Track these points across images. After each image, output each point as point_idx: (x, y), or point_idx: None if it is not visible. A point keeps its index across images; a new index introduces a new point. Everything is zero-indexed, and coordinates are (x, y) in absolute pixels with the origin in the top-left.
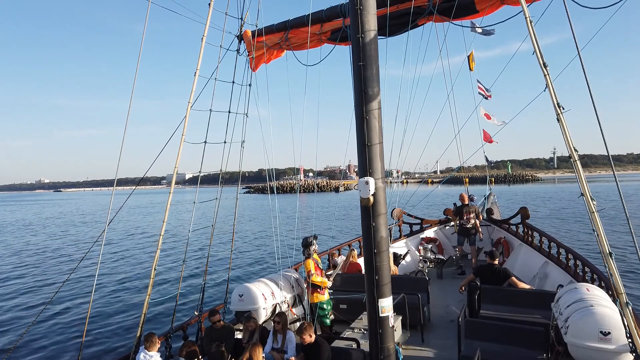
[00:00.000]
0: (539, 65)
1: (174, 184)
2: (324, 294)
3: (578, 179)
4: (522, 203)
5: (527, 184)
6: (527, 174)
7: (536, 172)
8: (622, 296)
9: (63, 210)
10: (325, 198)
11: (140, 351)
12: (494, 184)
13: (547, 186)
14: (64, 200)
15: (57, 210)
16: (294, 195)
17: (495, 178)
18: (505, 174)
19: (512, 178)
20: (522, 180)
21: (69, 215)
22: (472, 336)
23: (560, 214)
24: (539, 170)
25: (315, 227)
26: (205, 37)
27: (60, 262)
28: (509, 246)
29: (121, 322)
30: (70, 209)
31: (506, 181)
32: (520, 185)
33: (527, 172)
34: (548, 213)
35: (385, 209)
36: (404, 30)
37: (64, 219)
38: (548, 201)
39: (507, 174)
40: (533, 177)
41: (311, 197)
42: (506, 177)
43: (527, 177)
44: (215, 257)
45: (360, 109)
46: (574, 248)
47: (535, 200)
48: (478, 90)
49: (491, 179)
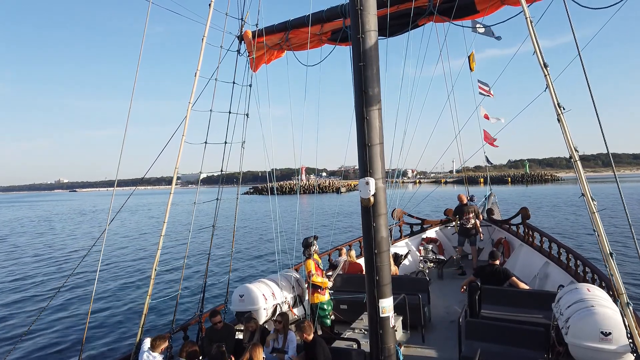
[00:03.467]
0: (540, 65)
1: (174, 185)
2: (325, 295)
3: (578, 178)
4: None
5: (546, 184)
6: (547, 174)
7: (556, 171)
8: (623, 296)
9: (62, 209)
10: (325, 200)
11: (143, 351)
12: (511, 184)
13: (567, 187)
14: (72, 200)
15: (52, 211)
16: (294, 197)
17: (512, 178)
18: (523, 173)
19: (530, 178)
20: (541, 180)
21: (66, 214)
22: (473, 336)
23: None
24: (559, 170)
25: (314, 230)
26: (206, 37)
27: (61, 262)
28: (509, 246)
29: (122, 322)
30: (67, 209)
31: (524, 181)
32: (538, 186)
33: (546, 171)
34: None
35: (386, 209)
36: (404, 30)
37: (61, 217)
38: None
39: (524, 174)
40: (553, 176)
41: (310, 199)
42: (524, 177)
43: (546, 176)
44: (215, 258)
45: (360, 109)
46: (574, 249)
47: (543, 203)
48: (479, 90)
49: (508, 178)
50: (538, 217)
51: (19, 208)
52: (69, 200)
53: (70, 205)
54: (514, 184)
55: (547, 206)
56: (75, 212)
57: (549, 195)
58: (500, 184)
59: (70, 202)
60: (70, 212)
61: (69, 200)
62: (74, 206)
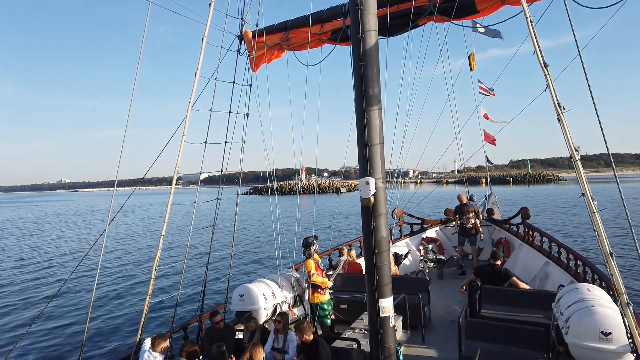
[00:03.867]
0: (540, 65)
1: (174, 185)
2: (325, 294)
3: (579, 178)
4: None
5: (548, 185)
6: (549, 174)
7: (559, 171)
8: (623, 296)
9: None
10: (324, 201)
11: (143, 351)
12: (513, 184)
13: (569, 187)
14: (71, 200)
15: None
16: (293, 197)
17: (513, 178)
18: (524, 173)
19: (532, 178)
20: (543, 180)
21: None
22: (473, 336)
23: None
24: (561, 170)
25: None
26: (206, 37)
27: (61, 263)
28: (509, 246)
29: (122, 322)
30: (65, 209)
31: (525, 181)
32: (540, 187)
33: (549, 171)
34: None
35: (386, 209)
36: (404, 30)
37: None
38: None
39: (526, 174)
40: (555, 176)
41: (310, 199)
42: (525, 177)
43: (548, 176)
44: (216, 257)
45: (360, 109)
46: (580, 250)
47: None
48: (479, 90)
49: (509, 179)
50: (541, 218)
51: (17, 208)
52: (68, 201)
53: (68, 206)
54: (515, 184)
55: (551, 207)
56: (71, 212)
57: (551, 195)
58: (501, 184)
59: (67, 202)
60: (65, 213)
61: (68, 200)
62: (72, 207)
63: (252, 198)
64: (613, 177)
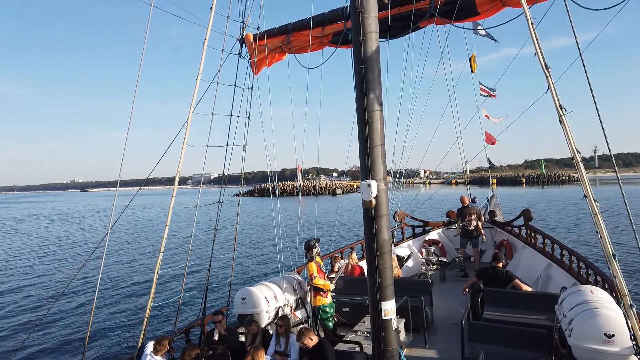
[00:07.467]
0: (541, 67)
1: (176, 186)
2: (327, 297)
3: (581, 180)
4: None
5: (563, 186)
6: (564, 174)
7: (575, 172)
8: (626, 298)
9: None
10: (319, 204)
11: (145, 354)
12: (525, 185)
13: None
14: (78, 199)
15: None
16: (293, 198)
17: (526, 179)
18: (538, 174)
19: (546, 179)
20: (558, 181)
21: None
22: (476, 339)
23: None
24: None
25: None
26: (207, 40)
27: (62, 265)
28: (511, 248)
29: (124, 325)
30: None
31: (539, 182)
32: (555, 188)
33: (564, 171)
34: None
35: (388, 211)
36: (405, 32)
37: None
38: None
39: (540, 175)
40: (570, 177)
41: (305, 200)
42: (539, 178)
43: (563, 177)
44: (217, 260)
45: (361, 111)
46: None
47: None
48: (480, 92)
49: (522, 179)
50: (559, 232)
51: (12, 208)
52: (67, 201)
53: (66, 206)
54: (528, 185)
55: (568, 212)
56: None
57: (567, 199)
58: (513, 186)
59: (66, 202)
60: (48, 214)
61: (68, 200)
62: (61, 207)
63: (252, 199)
64: (630, 178)
